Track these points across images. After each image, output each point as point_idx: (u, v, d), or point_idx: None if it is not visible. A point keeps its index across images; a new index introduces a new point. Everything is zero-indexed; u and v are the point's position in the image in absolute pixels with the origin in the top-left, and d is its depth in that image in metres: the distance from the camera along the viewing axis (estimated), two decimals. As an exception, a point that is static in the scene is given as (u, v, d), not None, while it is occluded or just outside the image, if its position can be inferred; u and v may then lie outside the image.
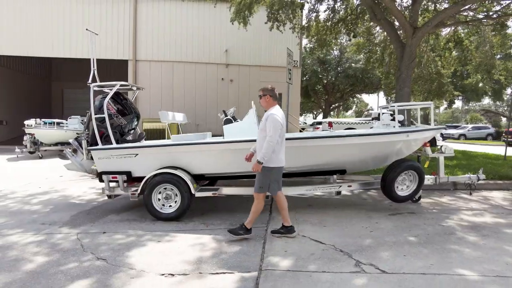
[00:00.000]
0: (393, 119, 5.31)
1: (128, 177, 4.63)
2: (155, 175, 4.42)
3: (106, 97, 5.01)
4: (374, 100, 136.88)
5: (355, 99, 43.63)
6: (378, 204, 5.38)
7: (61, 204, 5.27)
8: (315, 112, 50.08)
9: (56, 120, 13.06)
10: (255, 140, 4.44)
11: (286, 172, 4.91)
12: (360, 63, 26.04)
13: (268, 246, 3.54)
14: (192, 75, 17.08)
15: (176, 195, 4.44)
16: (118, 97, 5.25)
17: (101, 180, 4.72)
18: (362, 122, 14.72)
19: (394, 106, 4.95)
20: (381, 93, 34.75)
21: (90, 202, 5.42)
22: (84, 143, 4.83)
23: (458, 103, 40.39)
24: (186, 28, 16.57)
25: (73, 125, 13.38)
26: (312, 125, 31.47)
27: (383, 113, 5.48)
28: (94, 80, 5.15)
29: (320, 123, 31.33)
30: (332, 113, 39.62)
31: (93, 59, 5.27)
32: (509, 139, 12.76)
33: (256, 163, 3.58)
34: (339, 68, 27.83)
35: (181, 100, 16.65)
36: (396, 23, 11.69)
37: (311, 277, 2.82)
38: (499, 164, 8.33)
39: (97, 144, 4.76)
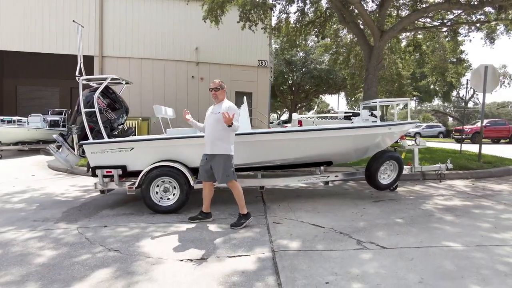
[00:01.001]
0: (371, 115, 5.74)
1: (123, 171, 4.60)
2: (153, 168, 4.44)
3: (94, 91, 4.93)
4: (335, 101, 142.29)
5: (317, 99, 45.16)
6: (360, 193, 5.79)
7: (46, 202, 5.06)
8: (279, 112, 51.09)
9: (15, 118, 12.25)
10: (251, 133, 4.63)
11: (280, 164, 5.17)
12: (324, 64, 27.10)
13: (273, 231, 3.74)
14: (161, 73, 16.76)
15: (175, 187, 4.49)
16: (108, 91, 5.17)
17: (94, 175, 4.63)
18: (330, 118, 15.41)
19: (376, 102, 5.37)
20: (341, 94, 36.37)
21: (77, 199, 5.26)
22: (75, 137, 4.70)
23: (412, 104, 43.35)
24: (155, 24, 16.23)
25: (35, 123, 12.63)
26: (278, 124, 32.08)
27: (363, 109, 5.93)
28: (81, 74, 5.03)
29: (286, 121, 32.05)
30: (295, 113, 40.67)
31: (80, 52, 5.13)
32: (462, 136, 14.09)
33: (229, 118, 3.53)
34: (304, 69, 28.71)
35: (150, 98, 16.29)
36: (363, 26, 12.44)
37: (322, 255, 3.07)
38: (457, 157, 9.24)
39: (86, 139, 4.67)
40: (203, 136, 4.61)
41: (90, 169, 4.70)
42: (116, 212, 4.55)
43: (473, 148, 13.70)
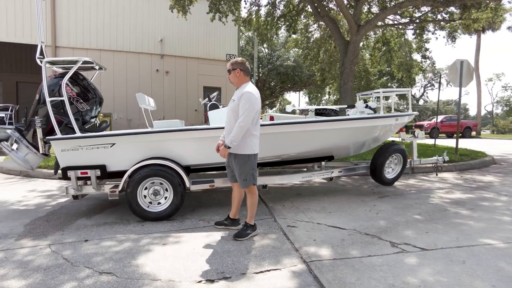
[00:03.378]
0: (366, 106, 5.46)
1: (102, 172, 3.82)
2: (140, 168, 3.73)
3: (60, 77, 4.10)
4: (296, 99, 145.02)
5: (281, 97, 45.36)
6: (360, 189, 5.48)
7: (0, 213, 4.10)
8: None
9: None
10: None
11: (282, 160, 4.68)
12: (289, 61, 27.07)
13: (292, 237, 3.24)
14: (122, 66, 15.48)
15: (167, 190, 3.82)
16: (77, 77, 4.33)
17: (65, 178, 3.80)
18: (301, 113, 15.23)
19: (379, 92, 5.08)
20: (303, 92, 36.71)
21: (41, 207, 4.34)
22: (39, 132, 3.83)
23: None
24: (116, 13, 14.92)
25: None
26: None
27: (359, 101, 5.64)
28: (43, 55, 4.13)
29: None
30: (289, 105, 40.37)
31: (40, 29, 4.22)
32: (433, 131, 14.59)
33: (223, 148, 3.08)
34: (269, 66, 28.49)
35: (110, 93, 14.95)
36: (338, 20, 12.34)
37: (363, 262, 2.63)
38: (433, 150, 9.40)
39: (51, 135, 3.85)
40: (196, 129, 4.00)
41: (59, 171, 3.86)
42: (94, 221, 3.76)
43: (438, 142, 14.28)
